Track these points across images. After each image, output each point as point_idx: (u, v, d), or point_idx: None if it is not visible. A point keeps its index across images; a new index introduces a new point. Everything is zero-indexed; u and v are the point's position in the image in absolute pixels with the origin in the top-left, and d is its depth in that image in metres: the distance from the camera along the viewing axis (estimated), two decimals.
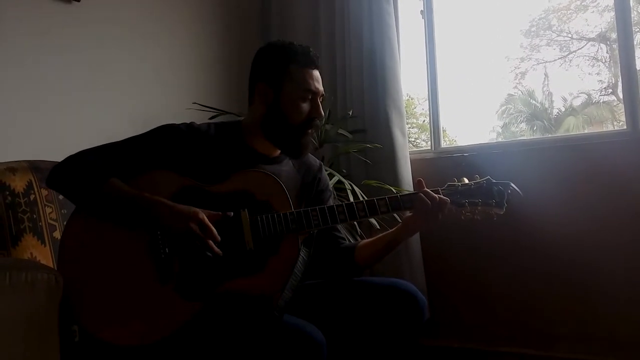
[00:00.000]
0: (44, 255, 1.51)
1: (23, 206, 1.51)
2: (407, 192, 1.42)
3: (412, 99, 5.36)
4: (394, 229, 1.47)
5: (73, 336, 1.32)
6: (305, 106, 1.41)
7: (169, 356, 1.24)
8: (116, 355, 1.22)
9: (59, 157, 1.36)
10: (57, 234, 1.54)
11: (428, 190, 1.37)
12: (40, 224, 1.53)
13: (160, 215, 1.24)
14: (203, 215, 1.23)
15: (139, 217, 1.25)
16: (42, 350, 1.06)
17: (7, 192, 1.49)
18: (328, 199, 1.57)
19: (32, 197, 1.54)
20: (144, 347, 1.21)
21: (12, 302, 1.01)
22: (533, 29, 7.08)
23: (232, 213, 1.27)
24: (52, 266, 1.43)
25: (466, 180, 1.43)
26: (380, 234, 1.54)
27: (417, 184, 1.42)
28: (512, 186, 1.42)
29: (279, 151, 1.49)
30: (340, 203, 1.37)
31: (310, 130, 1.43)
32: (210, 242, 1.23)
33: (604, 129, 8.96)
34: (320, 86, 1.44)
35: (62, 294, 1.14)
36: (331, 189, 1.63)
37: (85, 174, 1.27)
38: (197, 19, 2.80)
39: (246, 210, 1.28)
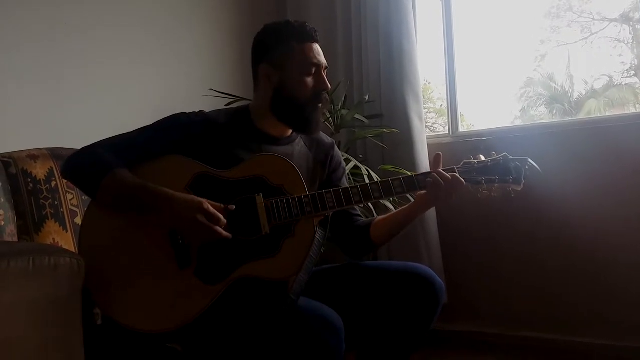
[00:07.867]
0: (66, 241, 1.54)
1: (45, 193, 1.53)
2: (422, 173, 1.40)
3: (429, 84, 5.29)
4: (407, 205, 1.47)
5: (95, 319, 1.35)
6: (311, 81, 1.41)
7: (188, 340, 1.25)
8: (138, 338, 1.23)
9: (79, 145, 1.37)
10: (79, 220, 1.57)
11: (442, 171, 1.36)
12: (61, 210, 1.56)
13: (165, 208, 1.23)
14: (207, 204, 1.22)
15: (144, 210, 1.25)
16: (66, 333, 1.08)
17: (29, 179, 1.52)
18: (341, 178, 1.57)
19: (53, 183, 1.56)
20: (166, 332, 1.22)
21: (36, 286, 1.02)
22: (553, 10, 6.92)
23: (234, 206, 1.27)
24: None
25: (482, 158, 1.40)
26: (394, 211, 1.54)
27: (434, 159, 1.41)
28: (529, 162, 1.39)
29: (290, 131, 1.49)
30: (354, 184, 1.36)
31: (320, 105, 1.43)
32: (218, 228, 1.22)
33: (626, 112, 8.78)
34: (322, 58, 1.43)
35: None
36: (344, 166, 1.62)
37: (92, 166, 1.27)
38: (213, 6, 2.79)
39: (261, 194, 1.28)
